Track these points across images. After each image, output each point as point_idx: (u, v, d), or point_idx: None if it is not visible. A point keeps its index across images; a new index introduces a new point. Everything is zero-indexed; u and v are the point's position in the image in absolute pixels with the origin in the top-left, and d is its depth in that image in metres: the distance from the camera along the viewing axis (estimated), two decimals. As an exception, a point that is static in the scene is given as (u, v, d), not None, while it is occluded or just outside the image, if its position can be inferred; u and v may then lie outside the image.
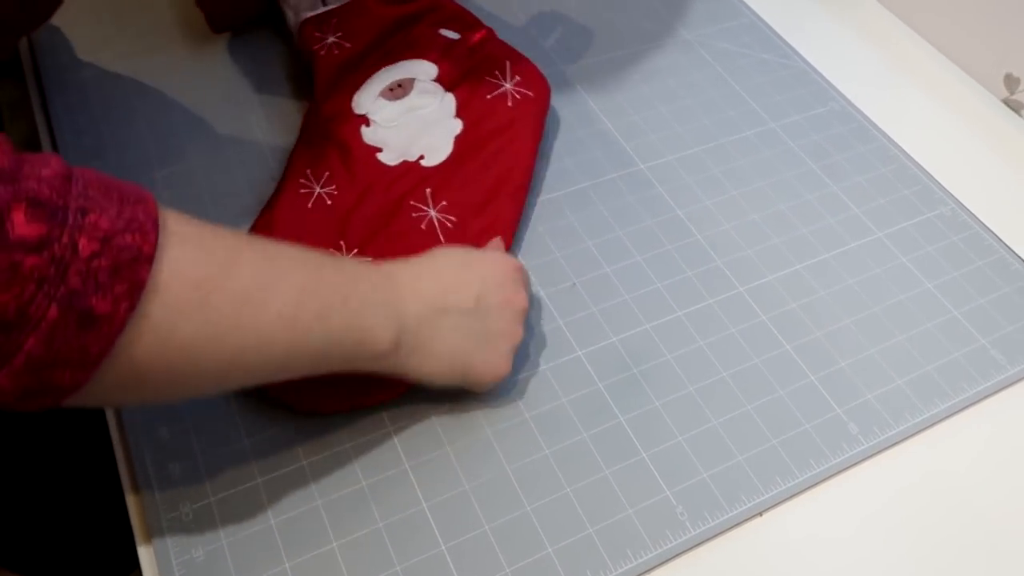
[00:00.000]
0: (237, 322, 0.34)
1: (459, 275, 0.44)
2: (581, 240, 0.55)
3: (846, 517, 0.45)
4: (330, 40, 0.59)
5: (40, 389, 0.30)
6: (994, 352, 0.51)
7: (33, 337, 0.28)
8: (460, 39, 0.60)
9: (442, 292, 0.42)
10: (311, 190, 0.53)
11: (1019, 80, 0.67)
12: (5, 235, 0.27)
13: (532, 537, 0.42)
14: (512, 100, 0.57)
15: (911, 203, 0.59)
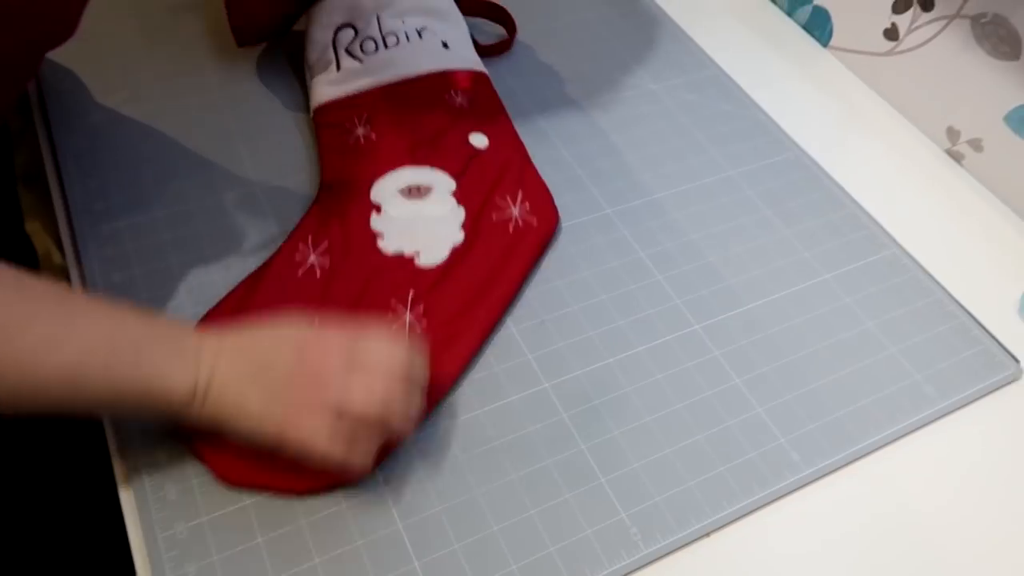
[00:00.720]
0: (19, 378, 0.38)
1: (275, 344, 0.45)
2: (550, 280, 0.59)
3: (788, 538, 0.49)
4: (360, 132, 0.63)
5: None
6: (927, 387, 0.56)
7: None
8: (487, 149, 0.63)
9: (253, 354, 0.44)
10: (306, 256, 0.56)
11: (960, 132, 0.72)
12: None
13: (498, 555, 0.46)
14: (515, 227, 0.59)
15: (857, 247, 0.64)
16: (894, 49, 0.76)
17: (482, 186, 0.61)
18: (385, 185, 0.60)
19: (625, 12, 0.82)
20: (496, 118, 0.66)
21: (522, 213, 0.60)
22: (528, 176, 0.63)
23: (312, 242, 0.57)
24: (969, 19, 0.68)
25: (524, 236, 0.59)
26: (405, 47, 0.66)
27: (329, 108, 0.65)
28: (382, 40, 0.66)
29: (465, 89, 0.67)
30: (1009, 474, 0.53)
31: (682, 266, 0.61)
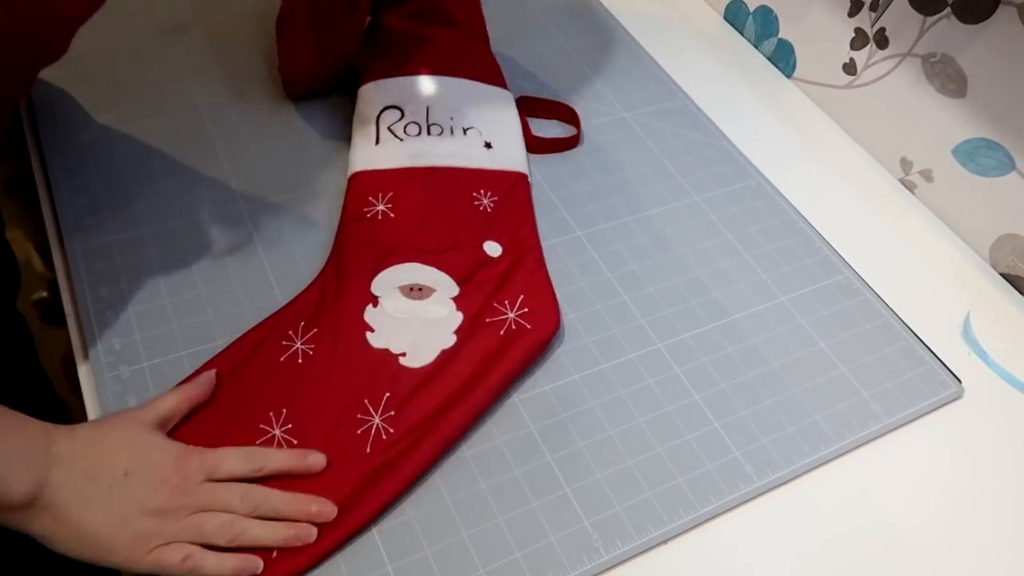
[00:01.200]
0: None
1: (120, 449, 0.45)
2: (522, 299, 0.62)
3: (740, 546, 0.52)
4: (380, 208, 0.63)
5: None
6: (873, 404, 0.59)
7: None
8: (499, 256, 0.62)
9: (94, 459, 0.43)
10: (292, 344, 0.55)
11: (912, 163, 0.76)
12: None
13: (467, 560, 0.49)
14: (507, 331, 0.57)
15: (812, 271, 0.68)
16: (852, 83, 0.80)
17: (484, 295, 0.60)
18: (388, 279, 0.59)
19: (599, 41, 0.86)
20: (519, 223, 0.65)
21: (518, 316, 0.58)
22: (534, 281, 0.61)
23: (303, 329, 0.56)
24: (920, 58, 0.72)
25: (513, 341, 0.57)
26: (447, 139, 0.68)
27: (360, 177, 0.65)
28: (427, 128, 0.68)
29: (493, 191, 0.67)
30: (951, 488, 0.57)
31: (647, 287, 0.64)
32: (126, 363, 0.54)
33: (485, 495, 0.52)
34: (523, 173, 0.69)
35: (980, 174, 0.70)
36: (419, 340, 0.56)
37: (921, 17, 0.71)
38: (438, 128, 0.69)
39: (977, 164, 0.70)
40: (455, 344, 0.57)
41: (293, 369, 0.54)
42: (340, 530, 0.48)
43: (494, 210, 0.65)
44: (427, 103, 0.70)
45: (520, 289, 0.60)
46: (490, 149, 0.69)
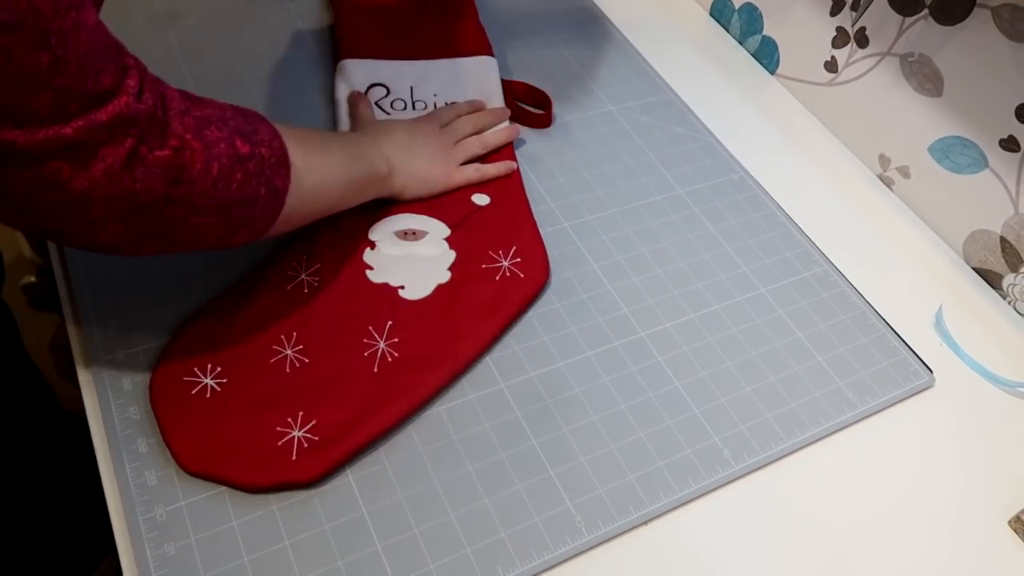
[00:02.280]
0: (325, 175, 0.56)
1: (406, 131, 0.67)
2: (509, 288, 0.64)
3: (718, 527, 0.54)
4: None
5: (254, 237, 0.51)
6: (848, 393, 0.61)
7: (256, 208, 0.48)
8: (488, 206, 0.67)
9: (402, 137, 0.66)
10: (297, 275, 0.59)
11: (890, 160, 0.78)
12: (238, 154, 0.46)
13: (454, 539, 0.50)
14: (502, 277, 0.62)
15: (791, 264, 0.70)
16: (833, 80, 0.82)
17: (476, 238, 0.65)
18: (383, 226, 0.64)
19: (586, 35, 0.87)
20: (506, 179, 0.70)
21: (511, 265, 0.63)
22: (525, 232, 0.66)
23: (306, 263, 0.60)
24: (898, 57, 0.74)
25: (509, 287, 0.61)
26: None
27: None
28: (411, 104, 0.74)
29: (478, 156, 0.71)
30: (922, 473, 0.59)
31: (631, 277, 0.66)
32: (120, 347, 0.55)
33: (472, 477, 0.53)
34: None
35: (955, 171, 0.73)
36: (416, 275, 0.61)
37: (900, 17, 0.73)
38: (423, 104, 0.74)
39: (952, 161, 0.73)
40: (450, 280, 0.61)
41: (299, 296, 0.59)
42: (351, 442, 0.52)
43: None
44: (411, 83, 0.75)
45: (513, 240, 0.65)
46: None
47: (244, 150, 0.47)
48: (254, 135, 0.48)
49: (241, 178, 0.46)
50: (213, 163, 0.45)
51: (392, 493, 0.52)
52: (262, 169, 0.48)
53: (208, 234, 0.47)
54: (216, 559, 0.48)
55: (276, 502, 0.50)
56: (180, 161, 0.43)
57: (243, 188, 0.47)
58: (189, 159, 0.44)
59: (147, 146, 0.42)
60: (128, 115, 0.40)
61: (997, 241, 0.71)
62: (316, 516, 0.50)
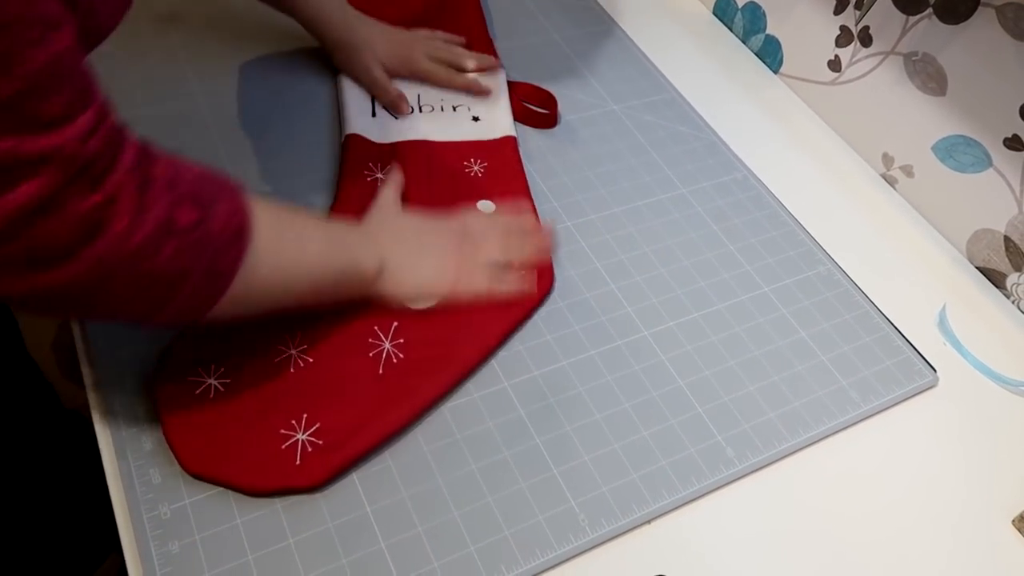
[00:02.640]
0: (292, 268, 0.51)
1: (415, 225, 0.61)
2: (512, 286, 0.64)
3: (721, 526, 0.54)
4: (379, 175, 0.67)
5: (181, 318, 0.45)
6: (852, 392, 0.61)
7: (187, 286, 0.43)
8: (494, 213, 0.66)
9: (405, 233, 0.60)
10: None
11: (894, 159, 0.78)
12: (178, 223, 0.41)
13: (457, 537, 0.50)
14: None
15: (794, 263, 0.69)
16: (837, 79, 0.82)
17: None
18: None
19: (589, 34, 0.87)
20: (511, 183, 0.69)
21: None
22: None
23: None
24: (902, 56, 0.74)
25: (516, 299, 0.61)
26: (437, 116, 0.74)
27: (358, 141, 0.69)
28: (418, 107, 0.74)
29: (483, 159, 0.71)
30: (925, 472, 0.59)
31: (634, 276, 0.66)
32: (125, 345, 0.55)
33: (475, 476, 0.53)
34: (511, 136, 0.73)
35: (958, 170, 0.73)
36: None
37: (904, 16, 0.73)
38: (429, 107, 0.74)
39: (956, 160, 0.72)
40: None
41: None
42: (354, 447, 0.52)
43: (485, 173, 0.70)
44: (419, 90, 0.75)
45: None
46: (478, 122, 0.74)
47: (185, 219, 0.42)
48: (211, 205, 0.44)
49: (172, 251, 0.41)
50: (139, 228, 0.40)
51: (396, 492, 0.52)
52: (204, 245, 0.43)
53: (128, 306, 0.42)
54: (220, 557, 0.48)
55: (280, 501, 0.50)
56: (99, 216, 0.38)
57: (172, 263, 0.42)
58: (111, 215, 0.39)
59: (71, 194, 0.37)
60: (63, 154, 0.36)
61: (1001, 240, 0.71)
62: (320, 514, 0.50)
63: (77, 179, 0.37)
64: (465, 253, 0.61)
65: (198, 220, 0.42)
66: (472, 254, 0.61)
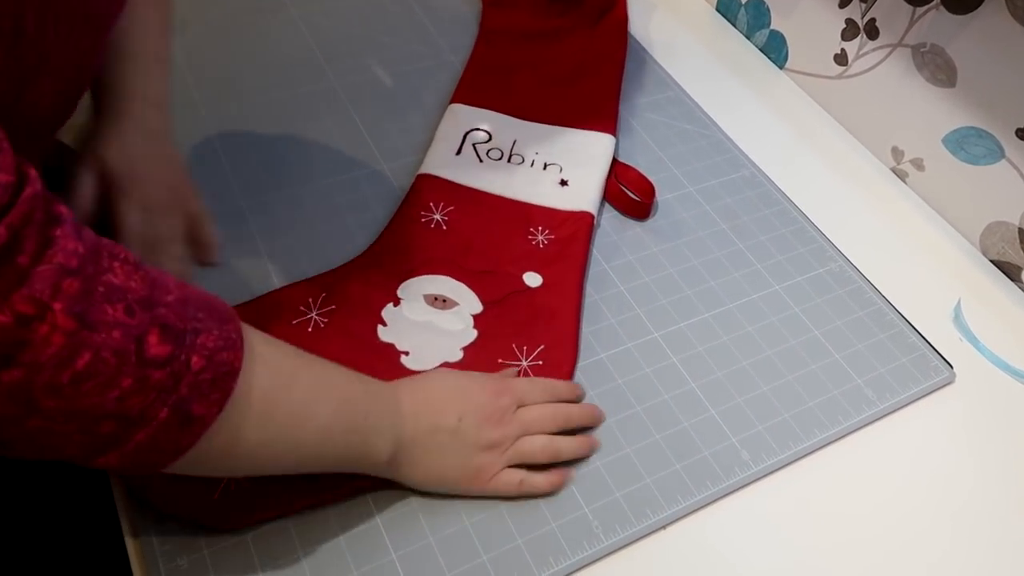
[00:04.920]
0: (287, 434, 0.42)
1: (447, 398, 0.51)
2: (520, 290, 0.63)
3: (737, 531, 0.53)
4: (436, 217, 0.64)
5: (135, 466, 0.37)
6: (867, 391, 0.60)
7: (143, 432, 0.35)
8: (537, 288, 0.61)
9: (432, 414, 0.49)
10: (308, 312, 0.57)
11: (903, 152, 0.77)
12: (142, 354, 0.34)
13: (469, 547, 0.50)
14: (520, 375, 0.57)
15: (806, 260, 0.68)
16: (843, 73, 0.81)
17: (506, 324, 0.59)
18: (416, 285, 0.60)
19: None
20: (567, 262, 0.63)
21: (529, 366, 0.57)
22: (560, 330, 0.60)
23: (320, 301, 0.58)
24: (910, 48, 0.73)
25: None
26: (523, 171, 0.69)
27: (427, 180, 0.67)
28: (508, 156, 0.70)
29: (552, 230, 0.65)
30: (943, 472, 0.58)
31: (643, 277, 0.65)
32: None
33: (487, 484, 0.52)
34: (590, 214, 0.66)
35: (970, 162, 0.71)
36: (425, 345, 0.57)
37: (910, 8, 0.72)
38: (519, 158, 0.70)
39: (967, 152, 0.71)
40: (460, 360, 0.57)
41: (303, 334, 0.56)
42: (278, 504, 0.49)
43: (547, 246, 0.64)
44: (516, 136, 0.72)
45: (543, 337, 0.59)
46: (564, 187, 0.68)
47: (156, 352, 0.34)
48: (192, 335, 0.36)
49: (130, 386, 0.33)
50: (84, 353, 0.32)
51: (406, 503, 0.51)
52: (176, 385, 0.35)
53: (58, 445, 0.34)
54: (229, 572, 0.47)
55: (291, 517, 0.50)
56: (22, 336, 0.30)
57: (128, 401, 0.34)
58: (43, 337, 0.31)
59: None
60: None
61: (1015, 233, 0.70)
62: (330, 527, 0.50)
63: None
64: (503, 435, 0.51)
65: (172, 354, 0.35)
66: (508, 438, 0.51)
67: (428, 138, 0.72)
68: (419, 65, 0.79)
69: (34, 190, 0.31)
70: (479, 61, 0.79)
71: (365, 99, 0.75)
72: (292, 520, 0.49)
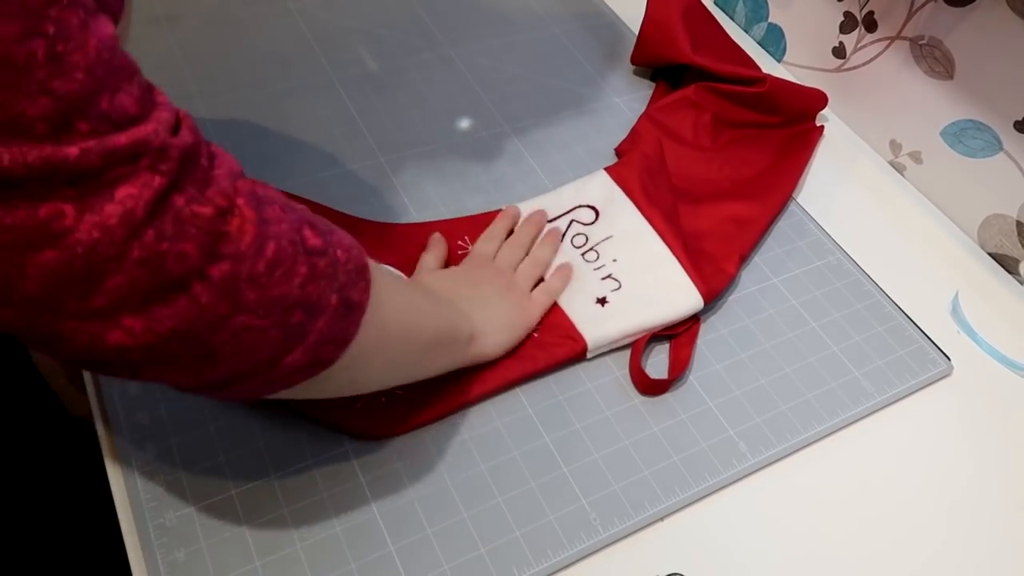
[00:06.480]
0: (410, 319, 0.47)
1: (459, 284, 0.58)
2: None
3: (734, 522, 0.53)
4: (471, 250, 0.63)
5: (312, 364, 0.38)
6: (865, 383, 0.60)
7: (323, 319, 0.37)
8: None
9: (461, 297, 0.55)
10: None
11: (902, 145, 0.77)
12: (304, 244, 0.36)
13: (467, 539, 0.50)
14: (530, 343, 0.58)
15: (804, 253, 0.68)
16: (842, 66, 0.80)
17: None
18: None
19: (590, 27, 0.86)
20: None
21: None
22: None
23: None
24: (908, 41, 0.73)
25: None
26: (583, 273, 0.62)
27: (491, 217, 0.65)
28: (589, 249, 0.63)
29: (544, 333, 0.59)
30: (940, 463, 0.58)
31: (641, 270, 0.65)
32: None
33: (485, 476, 0.52)
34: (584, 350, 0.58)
35: (968, 155, 0.71)
36: None
37: (909, 0, 0.71)
38: (594, 255, 0.63)
39: (965, 145, 0.71)
40: None
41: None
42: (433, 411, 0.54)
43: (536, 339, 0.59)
44: (614, 233, 0.64)
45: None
46: (599, 305, 0.60)
47: (314, 242, 0.37)
48: (329, 234, 0.38)
49: (307, 273, 0.36)
50: (269, 242, 0.34)
51: (404, 494, 0.51)
52: (335, 272, 0.38)
53: (256, 346, 0.35)
54: (227, 564, 0.47)
55: (287, 505, 0.50)
56: (225, 227, 0.33)
57: (308, 288, 0.36)
58: (237, 228, 0.33)
59: (182, 193, 0.31)
60: (157, 144, 0.31)
61: (1013, 225, 0.70)
62: (328, 519, 0.49)
63: (181, 177, 0.31)
64: (508, 277, 0.60)
65: (324, 245, 0.37)
66: (511, 275, 0.60)
67: (426, 134, 0.72)
68: (417, 58, 0.79)
69: (185, 111, 0.34)
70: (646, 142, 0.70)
71: (362, 92, 0.75)
72: (289, 511, 0.49)
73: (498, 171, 0.70)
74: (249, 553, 0.48)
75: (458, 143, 0.72)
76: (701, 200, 0.69)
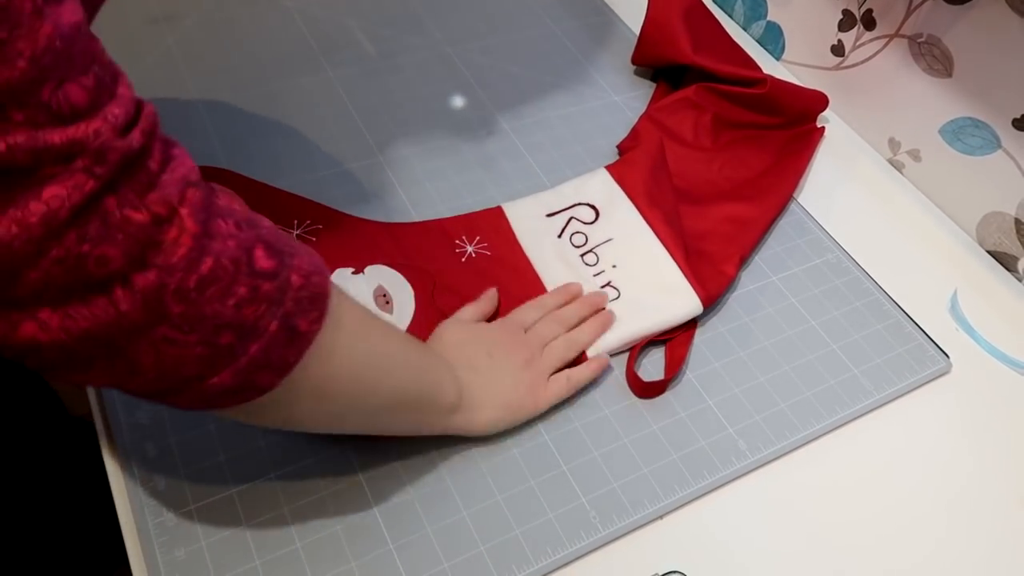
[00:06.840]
0: (374, 363, 0.44)
1: (466, 343, 0.54)
2: (517, 282, 0.63)
3: (734, 520, 0.53)
4: (468, 249, 0.62)
5: (244, 387, 0.37)
6: (864, 380, 0.60)
7: (257, 344, 0.36)
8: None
9: (464, 359, 0.52)
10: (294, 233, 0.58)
11: (900, 143, 0.77)
12: (252, 265, 0.35)
13: (467, 537, 0.50)
14: None
15: (803, 251, 0.68)
16: (840, 64, 0.80)
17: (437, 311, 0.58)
18: (380, 273, 0.60)
19: (589, 25, 0.86)
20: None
21: None
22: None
23: (306, 225, 0.62)
24: (907, 39, 0.73)
25: None
26: (582, 272, 0.62)
27: (496, 218, 0.64)
28: (589, 250, 0.63)
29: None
30: (939, 460, 0.58)
31: (640, 269, 0.65)
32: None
33: (484, 475, 0.52)
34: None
35: (967, 153, 0.71)
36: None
37: (908, -2, 0.71)
38: (593, 258, 0.63)
39: (964, 143, 0.71)
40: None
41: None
42: None
43: None
44: (614, 236, 0.64)
45: None
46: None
47: (264, 264, 0.35)
48: (289, 256, 0.37)
49: (246, 295, 0.34)
50: (206, 257, 0.33)
51: (404, 493, 0.51)
52: (282, 297, 0.36)
53: (181, 361, 0.34)
54: (227, 563, 0.47)
55: (287, 504, 0.50)
56: (159, 236, 0.32)
57: (244, 310, 0.34)
58: (173, 239, 0.32)
59: (117, 196, 0.30)
60: (95, 145, 0.29)
61: (1011, 223, 0.70)
62: (328, 517, 0.50)
63: (118, 180, 0.30)
64: (533, 352, 0.55)
65: (276, 268, 0.36)
66: (537, 351, 0.55)
67: (425, 133, 0.72)
68: (416, 57, 0.79)
69: (152, 107, 0.33)
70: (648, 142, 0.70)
71: (361, 91, 0.75)
72: (289, 510, 0.49)
73: (497, 170, 0.70)
74: (249, 552, 0.48)
75: (457, 142, 0.72)
76: (701, 201, 0.69)
